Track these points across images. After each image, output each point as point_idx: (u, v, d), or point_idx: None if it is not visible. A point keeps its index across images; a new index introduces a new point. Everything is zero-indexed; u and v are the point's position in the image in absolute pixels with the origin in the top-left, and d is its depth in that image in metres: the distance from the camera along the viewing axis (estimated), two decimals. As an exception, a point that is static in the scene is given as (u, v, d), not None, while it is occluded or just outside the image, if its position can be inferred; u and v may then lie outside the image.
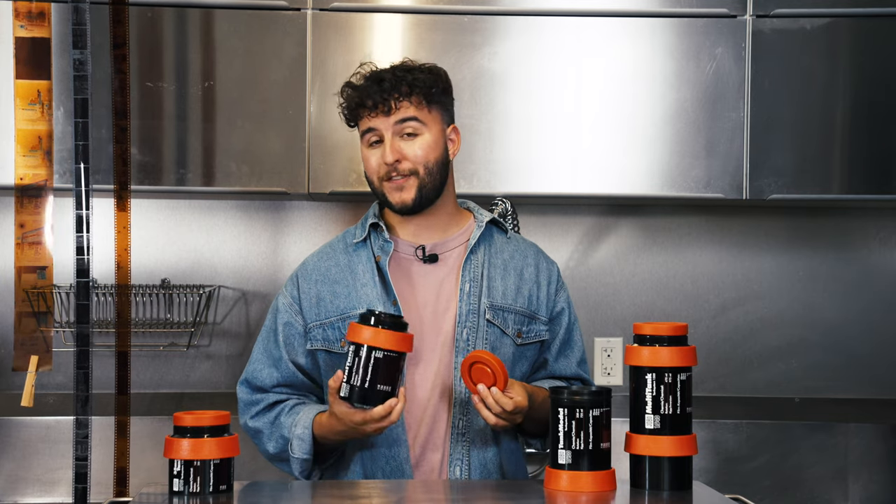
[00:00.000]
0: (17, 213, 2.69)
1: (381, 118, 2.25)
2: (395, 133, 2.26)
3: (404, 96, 2.25)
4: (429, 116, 2.28)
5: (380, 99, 2.24)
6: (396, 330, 2.07)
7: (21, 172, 2.69)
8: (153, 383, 3.25)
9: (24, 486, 3.19)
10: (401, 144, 2.26)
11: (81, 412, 2.40)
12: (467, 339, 2.27)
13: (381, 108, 2.24)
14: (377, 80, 2.26)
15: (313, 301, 2.32)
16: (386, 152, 2.25)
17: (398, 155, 2.25)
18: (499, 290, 2.31)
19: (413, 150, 2.25)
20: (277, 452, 2.30)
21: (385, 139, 2.26)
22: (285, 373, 2.33)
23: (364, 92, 2.26)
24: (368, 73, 2.30)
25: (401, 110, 2.25)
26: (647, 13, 2.96)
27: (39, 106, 2.71)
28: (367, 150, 2.29)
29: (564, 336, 2.37)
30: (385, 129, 2.26)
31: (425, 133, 2.27)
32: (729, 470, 3.28)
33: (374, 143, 2.28)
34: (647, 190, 2.97)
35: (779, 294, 3.34)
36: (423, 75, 2.27)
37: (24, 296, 2.73)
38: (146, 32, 2.90)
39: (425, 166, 2.26)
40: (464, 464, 2.26)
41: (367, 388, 2.06)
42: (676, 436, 1.98)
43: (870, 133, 2.99)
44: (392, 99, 2.24)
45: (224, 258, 3.27)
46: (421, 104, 2.27)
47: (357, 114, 2.29)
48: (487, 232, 2.37)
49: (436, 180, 2.28)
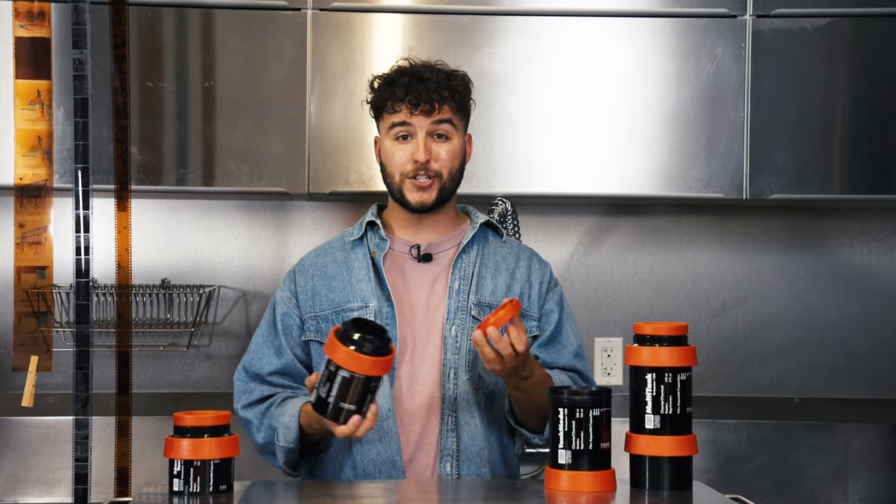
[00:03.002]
0: (17, 213, 2.69)
1: (420, 116, 2.28)
2: (429, 132, 2.28)
3: (445, 100, 2.28)
4: (459, 124, 2.33)
5: (425, 97, 2.26)
6: (375, 354, 1.96)
7: (21, 172, 2.69)
8: (153, 383, 3.25)
9: (24, 486, 3.19)
10: (432, 145, 2.29)
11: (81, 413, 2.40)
12: (456, 335, 2.29)
13: (423, 107, 2.27)
14: (420, 77, 2.28)
15: (309, 294, 2.35)
16: (419, 151, 2.27)
17: (430, 155, 2.28)
18: (488, 287, 2.33)
19: (442, 153, 2.29)
20: (266, 443, 2.30)
21: (418, 137, 2.28)
22: (285, 360, 2.34)
23: (406, 88, 2.27)
24: (405, 67, 2.31)
25: (440, 112, 2.28)
26: (647, 13, 2.95)
27: (39, 106, 2.71)
28: (392, 143, 2.31)
29: (553, 333, 2.37)
30: (421, 127, 2.28)
31: (454, 138, 2.31)
32: (729, 470, 3.28)
33: (402, 137, 2.30)
34: (647, 190, 2.97)
35: (779, 294, 3.34)
36: (460, 83, 2.32)
37: (24, 296, 2.73)
38: (146, 32, 2.90)
39: (450, 171, 2.31)
40: (454, 460, 2.26)
41: (331, 403, 1.98)
42: (676, 436, 1.98)
43: (870, 133, 2.99)
44: (436, 99, 2.27)
45: (224, 258, 3.27)
46: (457, 111, 2.31)
47: (391, 107, 2.30)
48: (482, 233, 2.39)
49: (454, 186, 2.34)
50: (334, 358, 1.96)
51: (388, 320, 2.31)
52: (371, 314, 2.30)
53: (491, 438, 2.31)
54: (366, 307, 2.31)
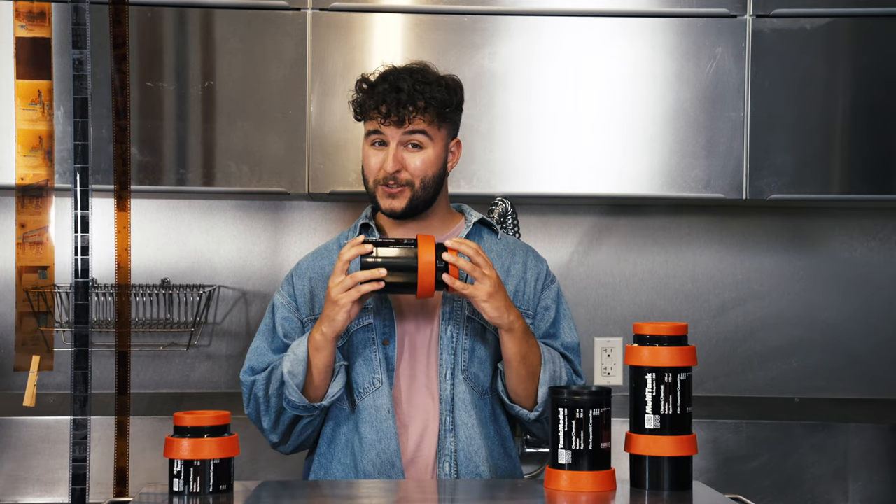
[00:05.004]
0: (18, 213, 2.69)
1: (391, 127, 2.27)
2: (401, 143, 2.28)
3: (419, 111, 2.27)
4: (437, 133, 2.31)
5: (395, 109, 2.25)
6: None
7: (22, 172, 2.70)
8: (153, 383, 3.25)
9: (24, 486, 3.19)
10: (404, 155, 2.28)
11: (80, 413, 2.40)
12: (451, 335, 2.30)
13: (393, 118, 2.26)
14: (395, 87, 2.26)
15: (307, 297, 2.35)
16: (388, 161, 2.27)
17: (399, 165, 2.27)
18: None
19: (414, 162, 2.28)
20: (276, 389, 2.25)
21: (389, 146, 2.28)
22: None
23: (380, 97, 2.27)
24: (385, 74, 2.30)
25: (412, 123, 2.27)
26: (647, 13, 2.96)
27: (40, 106, 2.71)
28: (368, 148, 2.32)
29: (549, 330, 2.37)
30: (392, 137, 2.28)
31: (429, 148, 2.30)
32: (729, 470, 3.28)
33: (377, 143, 2.30)
34: (647, 190, 2.97)
35: (779, 294, 3.34)
36: (441, 92, 2.29)
37: (25, 296, 2.73)
38: (146, 32, 2.90)
39: (422, 180, 2.29)
40: (452, 461, 2.27)
41: None
42: (676, 436, 1.98)
43: (870, 133, 2.99)
44: (406, 112, 2.26)
45: (224, 258, 3.27)
46: (432, 121, 2.29)
47: (368, 114, 2.30)
48: (476, 232, 2.40)
49: (429, 193, 2.32)
50: None
51: (386, 322, 2.31)
52: (370, 316, 2.31)
53: (490, 437, 2.32)
54: (365, 309, 2.31)
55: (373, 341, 2.31)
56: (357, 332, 2.32)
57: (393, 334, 2.30)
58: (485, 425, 2.31)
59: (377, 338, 2.31)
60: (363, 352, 2.30)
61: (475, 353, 2.31)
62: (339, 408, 2.32)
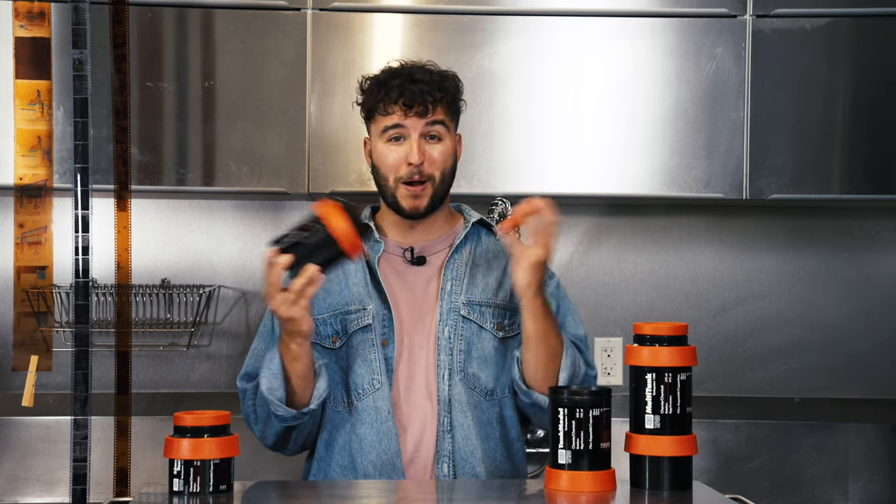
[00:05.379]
0: (17, 213, 2.69)
1: (413, 118, 2.27)
2: (422, 134, 2.28)
3: (438, 102, 2.28)
4: (451, 124, 2.32)
5: (418, 98, 2.26)
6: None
7: (21, 172, 2.69)
8: (153, 383, 3.25)
9: (24, 486, 3.19)
10: (426, 147, 2.28)
11: (80, 413, 2.39)
12: (448, 336, 2.30)
13: (417, 109, 2.26)
14: (412, 79, 2.27)
15: None
16: (413, 153, 2.27)
17: (423, 157, 2.27)
18: (479, 286, 2.33)
19: (434, 154, 2.29)
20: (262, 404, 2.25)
21: (412, 139, 2.28)
22: None
23: (398, 91, 2.26)
24: (396, 68, 2.31)
25: (433, 114, 2.27)
26: (647, 13, 2.95)
27: (39, 106, 2.71)
28: (384, 145, 2.30)
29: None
30: (414, 129, 2.28)
31: (446, 139, 2.31)
32: (729, 470, 3.28)
33: (395, 139, 2.29)
34: (647, 190, 2.97)
35: (779, 294, 3.34)
36: (451, 84, 2.31)
37: (24, 296, 2.73)
38: (146, 32, 2.90)
39: (442, 172, 2.30)
40: (450, 461, 2.27)
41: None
42: (676, 436, 1.98)
43: (870, 133, 2.99)
44: (429, 101, 2.26)
45: (224, 258, 3.27)
46: (448, 111, 2.30)
47: (384, 109, 2.29)
48: (475, 232, 2.40)
49: (445, 187, 2.33)
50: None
51: (385, 323, 2.31)
52: (369, 317, 2.30)
53: (490, 438, 2.31)
54: (364, 310, 2.31)
55: (372, 342, 2.30)
56: (356, 334, 2.31)
57: (392, 335, 2.30)
58: (484, 426, 2.30)
59: (376, 339, 2.31)
60: (362, 353, 2.30)
61: (472, 353, 2.31)
62: (334, 410, 2.31)
